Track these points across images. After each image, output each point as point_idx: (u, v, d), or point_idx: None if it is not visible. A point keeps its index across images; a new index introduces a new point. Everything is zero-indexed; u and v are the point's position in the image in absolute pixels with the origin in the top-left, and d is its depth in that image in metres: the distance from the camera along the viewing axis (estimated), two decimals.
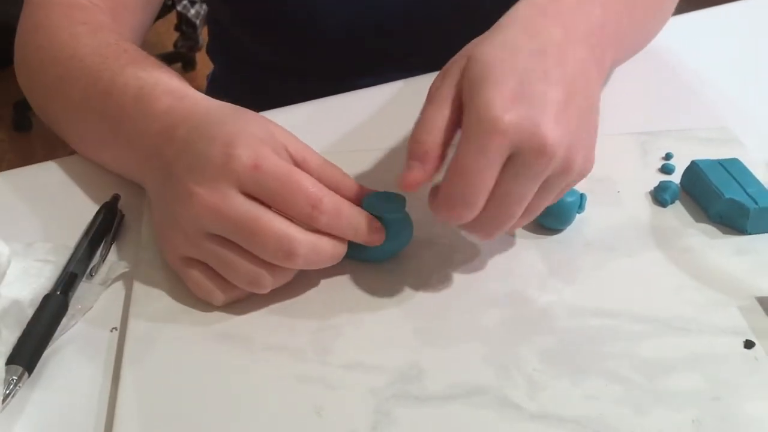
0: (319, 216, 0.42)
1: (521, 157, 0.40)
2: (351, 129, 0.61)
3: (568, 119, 0.41)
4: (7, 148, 2.41)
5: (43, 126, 0.60)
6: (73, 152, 0.59)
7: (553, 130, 0.40)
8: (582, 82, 0.43)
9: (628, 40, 0.58)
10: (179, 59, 2.62)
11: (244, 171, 0.41)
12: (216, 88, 0.88)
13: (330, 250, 0.43)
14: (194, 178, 0.42)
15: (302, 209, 0.42)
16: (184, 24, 2.35)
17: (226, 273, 0.43)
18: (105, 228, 0.50)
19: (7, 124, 2.48)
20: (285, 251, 0.41)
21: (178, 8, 2.31)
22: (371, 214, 0.46)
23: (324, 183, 0.43)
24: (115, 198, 0.52)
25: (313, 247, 0.42)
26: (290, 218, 0.42)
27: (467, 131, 0.40)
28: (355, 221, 0.44)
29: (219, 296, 0.44)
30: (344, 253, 0.44)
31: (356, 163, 0.55)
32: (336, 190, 0.44)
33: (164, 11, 2.24)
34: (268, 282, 0.43)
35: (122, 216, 0.52)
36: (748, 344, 0.43)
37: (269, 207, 0.42)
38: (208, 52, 0.90)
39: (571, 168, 0.42)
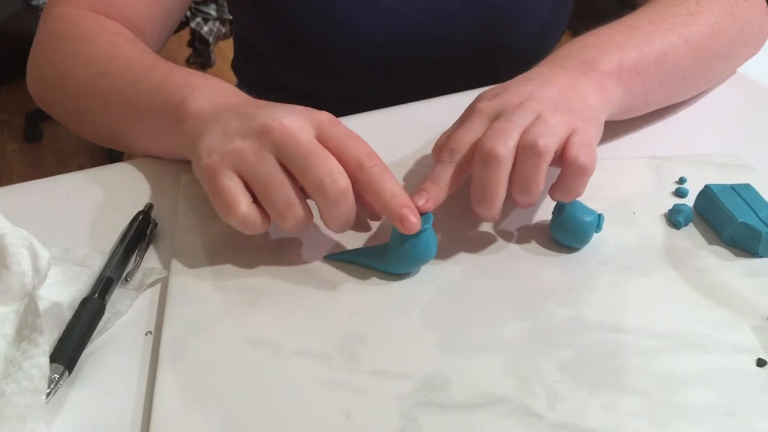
0: (330, 191, 0.46)
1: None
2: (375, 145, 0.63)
3: (543, 94, 0.52)
4: (18, 158, 2.44)
5: (54, 137, 0.63)
6: (82, 165, 0.61)
7: (515, 93, 0.52)
8: (556, 81, 0.54)
9: (644, 80, 0.61)
10: None
11: (321, 118, 0.48)
12: None
13: (307, 224, 0.48)
14: (281, 113, 0.47)
15: (319, 182, 0.46)
16: (197, 40, 2.38)
17: (266, 192, 0.46)
18: (139, 235, 0.52)
19: (18, 135, 2.51)
20: (332, 179, 0.46)
21: (192, 25, 2.35)
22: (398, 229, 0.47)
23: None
24: (149, 207, 0.54)
25: (303, 220, 0.47)
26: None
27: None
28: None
29: (241, 207, 0.46)
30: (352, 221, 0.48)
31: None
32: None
33: (178, 27, 2.28)
34: (299, 213, 0.47)
35: (155, 224, 0.53)
36: (761, 363, 0.44)
37: None
38: (233, 67, 0.92)
39: (537, 109, 0.50)
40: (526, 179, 0.48)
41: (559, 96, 0.52)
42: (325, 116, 0.49)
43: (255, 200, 0.47)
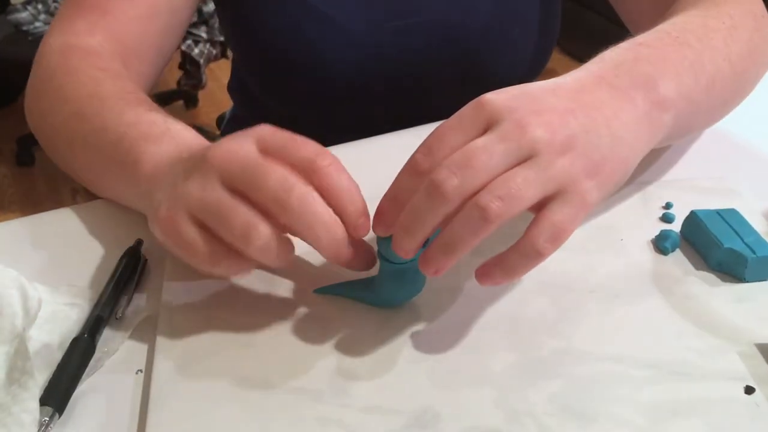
0: (289, 199, 0.42)
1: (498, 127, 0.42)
2: (362, 176, 0.63)
3: (561, 121, 0.42)
4: (10, 183, 2.44)
5: (46, 161, 0.64)
6: (74, 189, 0.62)
7: (533, 102, 0.43)
8: (590, 105, 0.45)
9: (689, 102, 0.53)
10: (181, 97, 2.66)
11: (261, 131, 0.45)
12: (234, 128, 0.90)
13: (282, 248, 0.44)
14: (221, 142, 0.45)
15: (273, 194, 0.42)
16: (188, 63, 2.39)
17: (220, 220, 0.43)
18: (129, 272, 0.52)
19: (10, 159, 2.51)
20: (286, 188, 0.42)
21: (182, 47, 2.35)
22: (387, 260, 0.48)
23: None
24: (138, 243, 0.54)
25: (271, 239, 0.43)
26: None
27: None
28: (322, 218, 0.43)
29: (208, 257, 0.44)
30: (291, 254, 0.45)
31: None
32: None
33: None
34: (264, 231, 0.42)
35: (145, 261, 0.53)
36: (749, 390, 0.45)
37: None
38: (228, 90, 0.92)
39: (541, 141, 0.41)
40: (454, 238, 0.41)
41: (585, 129, 0.43)
42: (265, 128, 0.45)
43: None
